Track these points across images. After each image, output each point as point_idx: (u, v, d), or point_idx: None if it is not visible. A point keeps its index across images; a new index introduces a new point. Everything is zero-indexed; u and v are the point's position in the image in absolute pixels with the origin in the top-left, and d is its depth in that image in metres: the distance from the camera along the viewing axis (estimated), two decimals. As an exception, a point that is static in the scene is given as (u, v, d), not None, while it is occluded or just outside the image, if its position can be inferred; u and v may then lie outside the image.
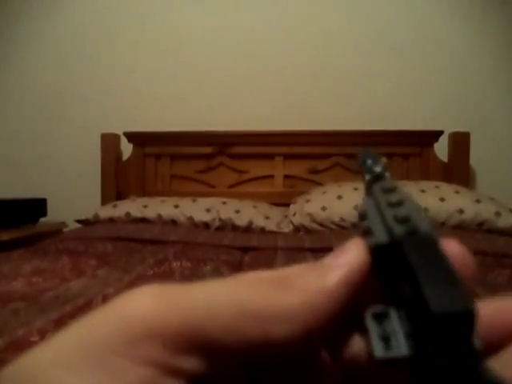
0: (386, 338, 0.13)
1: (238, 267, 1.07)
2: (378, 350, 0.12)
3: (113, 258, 1.12)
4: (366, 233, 0.16)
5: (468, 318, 0.11)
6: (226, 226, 1.66)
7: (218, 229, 1.66)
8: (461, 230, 1.50)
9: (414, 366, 0.12)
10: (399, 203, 0.16)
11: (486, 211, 1.53)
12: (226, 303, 0.13)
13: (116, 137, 2.09)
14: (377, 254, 0.15)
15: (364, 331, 0.14)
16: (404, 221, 0.15)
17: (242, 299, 0.13)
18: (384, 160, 0.20)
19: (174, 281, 0.90)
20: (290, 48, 2.10)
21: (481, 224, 1.52)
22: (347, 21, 2.08)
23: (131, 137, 2.07)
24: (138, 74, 2.17)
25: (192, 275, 0.95)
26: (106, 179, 2.06)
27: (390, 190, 0.17)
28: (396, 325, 0.13)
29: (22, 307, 0.70)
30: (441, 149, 1.94)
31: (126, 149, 2.11)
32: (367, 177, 0.19)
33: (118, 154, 2.11)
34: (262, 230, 1.62)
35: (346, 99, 2.08)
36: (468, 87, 2.04)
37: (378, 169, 0.19)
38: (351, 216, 1.58)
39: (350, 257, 0.15)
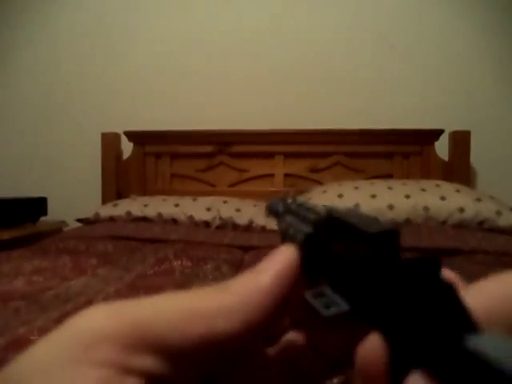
0: (327, 306, 0.14)
1: (238, 266, 1.07)
2: (324, 311, 0.14)
3: (113, 257, 1.12)
4: (294, 236, 0.18)
5: (394, 234, 0.14)
6: (227, 225, 1.66)
7: (218, 228, 1.66)
8: (461, 228, 1.50)
9: (355, 315, 0.14)
10: (314, 206, 0.19)
11: (486, 210, 1.53)
12: (173, 306, 0.15)
13: (116, 136, 2.09)
14: (306, 247, 0.17)
15: (300, 315, 0.17)
16: (322, 212, 0.18)
17: (187, 302, 0.15)
18: (291, 192, 0.25)
19: (175, 279, 0.90)
20: (290, 47, 2.10)
21: (481, 223, 1.52)
22: (348, 20, 2.08)
23: (131, 136, 2.07)
24: (138, 74, 2.17)
25: (192, 274, 0.95)
26: (106, 178, 2.06)
27: (304, 203, 0.21)
28: (332, 296, 0.15)
29: (22, 306, 0.70)
30: (441, 147, 1.94)
31: (127, 148, 2.11)
32: (280, 209, 0.23)
33: (119, 153, 2.11)
34: (263, 229, 1.62)
35: (347, 98, 2.08)
36: (469, 86, 2.03)
37: (289, 200, 0.23)
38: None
39: (279, 257, 0.17)
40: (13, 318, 0.64)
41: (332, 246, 0.16)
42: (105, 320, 0.14)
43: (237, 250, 1.28)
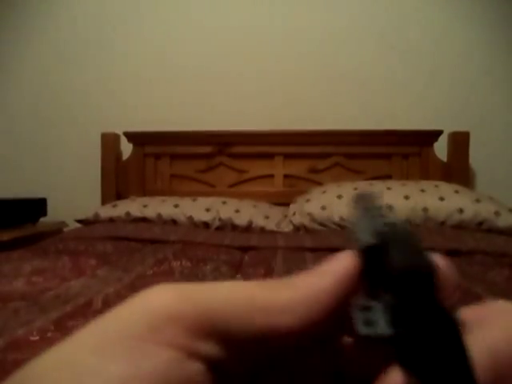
0: (368, 323, 0.14)
1: (237, 267, 1.08)
2: (361, 328, 0.14)
3: (113, 258, 1.12)
4: (357, 240, 0.18)
5: (428, 275, 0.13)
6: (226, 226, 1.66)
7: (217, 228, 1.66)
8: (460, 229, 1.50)
9: (395, 344, 0.14)
10: (383, 214, 0.19)
11: (485, 211, 1.53)
12: (239, 297, 0.15)
13: (116, 136, 2.09)
14: (367, 255, 0.17)
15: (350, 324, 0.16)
16: (391, 226, 0.17)
17: (252, 294, 0.15)
18: (379, 195, 0.23)
19: (174, 280, 0.90)
20: (290, 48, 2.10)
21: (480, 223, 1.53)
22: (348, 20, 2.08)
23: (131, 136, 2.07)
24: (138, 74, 2.17)
25: (192, 275, 0.95)
26: (105, 179, 2.07)
27: (379, 207, 0.20)
28: (378, 315, 0.14)
29: (22, 307, 0.70)
30: (440, 148, 1.95)
31: (126, 148, 2.11)
32: (362, 206, 0.22)
33: (118, 153, 2.11)
34: (262, 230, 1.63)
35: (346, 99, 2.08)
36: (468, 87, 2.04)
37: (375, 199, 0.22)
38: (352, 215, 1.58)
39: (343, 262, 0.17)
40: (12, 319, 0.64)
41: (386, 268, 0.15)
42: (173, 301, 0.15)
43: (236, 250, 1.28)
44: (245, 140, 2.01)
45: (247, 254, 1.25)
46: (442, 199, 1.57)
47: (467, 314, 0.15)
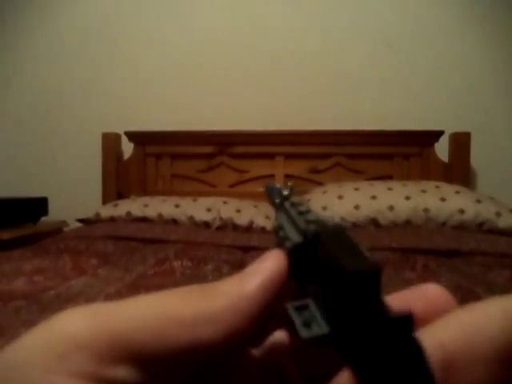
0: (308, 323, 0.14)
1: (238, 267, 1.08)
2: (303, 332, 0.14)
3: (114, 257, 1.12)
4: (284, 240, 0.18)
5: (376, 274, 0.13)
6: (227, 226, 1.66)
7: (218, 228, 1.66)
8: (461, 230, 1.50)
9: (334, 340, 0.14)
10: (308, 211, 0.19)
11: (486, 211, 1.53)
12: (153, 313, 0.14)
13: (117, 136, 2.09)
14: (295, 255, 0.16)
15: (284, 325, 0.16)
16: (314, 222, 0.17)
17: (168, 308, 0.14)
18: (290, 184, 0.24)
19: (175, 280, 0.90)
20: (290, 48, 2.10)
21: (481, 224, 1.52)
22: (347, 20, 2.08)
23: (132, 136, 2.07)
24: (139, 74, 2.17)
25: (193, 275, 0.95)
26: (106, 178, 2.07)
27: (298, 204, 0.20)
28: (315, 312, 0.14)
29: (23, 306, 0.70)
30: (441, 149, 1.95)
31: (127, 148, 2.11)
32: (277, 200, 0.22)
33: (119, 153, 2.11)
34: (263, 230, 1.63)
35: (347, 99, 2.08)
36: (469, 87, 2.04)
37: (285, 192, 0.22)
38: (352, 216, 1.59)
39: (269, 263, 0.16)
40: (13, 318, 0.64)
41: (317, 264, 0.15)
42: (81, 326, 0.14)
43: (237, 250, 1.28)
44: (246, 140, 2.01)
45: (248, 254, 1.25)
46: (442, 200, 1.57)
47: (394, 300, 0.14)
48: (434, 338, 0.13)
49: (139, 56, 2.17)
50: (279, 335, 0.18)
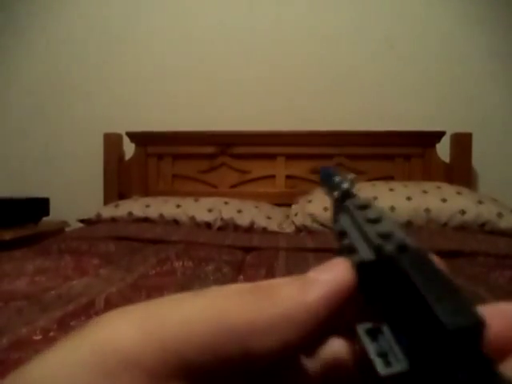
0: (384, 354, 0.13)
1: (239, 267, 1.08)
2: (381, 367, 0.12)
3: (115, 258, 1.12)
4: (348, 250, 0.16)
5: (478, 329, 0.12)
6: (228, 226, 1.66)
7: (219, 229, 1.66)
8: (463, 230, 1.50)
9: (414, 379, 0.12)
10: (378, 219, 0.16)
11: (487, 212, 1.53)
12: (202, 321, 0.13)
13: (118, 137, 2.10)
14: (361, 271, 0.15)
15: (350, 341, 0.15)
16: (388, 237, 0.15)
17: (218, 314, 0.13)
18: (351, 175, 0.20)
19: (177, 280, 0.90)
20: (291, 48, 2.10)
21: (483, 225, 1.52)
22: (349, 21, 2.08)
23: (134, 137, 2.08)
24: (140, 74, 2.18)
25: (194, 275, 0.95)
26: (108, 179, 2.07)
27: (365, 207, 0.17)
28: (390, 341, 0.13)
29: (24, 306, 0.70)
30: (443, 149, 1.94)
31: (129, 149, 2.11)
32: (335, 194, 0.19)
33: (121, 153, 2.12)
34: (264, 230, 1.63)
35: (348, 100, 2.08)
36: (470, 88, 2.03)
37: (345, 185, 0.19)
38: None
39: (335, 274, 0.15)
40: (15, 318, 0.64)
41: (394, 290, 0.13)
42: (129, 338, 0.13)
43: (238, 250, 1.28)
44: (247, 140, 2.01)
45: (249, 254, 1.25)
46: (444, 200, 1.57)
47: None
48: None
49: (141, 56, 2.18)
50: (335, 346, 0.16)
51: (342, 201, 0.19)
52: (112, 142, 2.09)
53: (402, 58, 2.07)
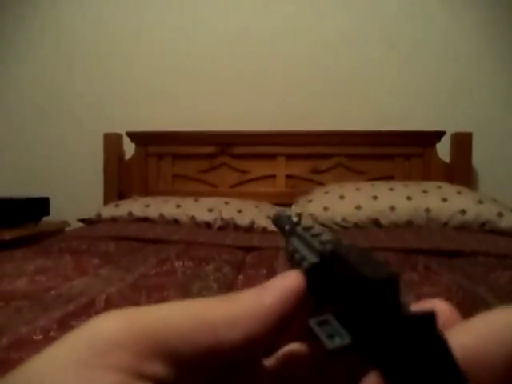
0: (331, 336, 0.15)
1: (239, 267, 1.08)
2: (328, 344, 0.15)
3: (115, 258, 1.12)
4: (300, 261, 0.19)
5: (395, 281, 0.14)
6: (228, 226, 1.66)
7: (220, 228, 1.66)
8: (463, 230, 1.50)
9: (358, 350, 0.15)
10: (320, 234, 0.20)
11: (488, 212, 1.53)
12: (183, 316, 0.16)
13: (118, 136, 2.10)
14: (311, 274, 0.18)
15: (305, 340, 0.18)
16: (328, 242, 0.19)
17: (198, 312, 0.16)
18: (298, 212, 0.26)
19: (177, 280, 0.90)
20: (292, 48, 2.10)
21: (483, 224, 1.52)
22: (349, 21, 2.08)
23: (134, 136, 2.08)
24: (140, 74, 2.18)
25: (194, 275, 0.95)
26: (108, 179, 2.07)
27: (310, 228, 0.21)
28: (336, 325, 0.16)
29: (25, 306, 0.70)
30: (443, 149, 1.94)
31: (129, 148, 2.11)
32: (287, 227, 0.24)
33: (121, 153, 2.12)
34: (264, 230, 1.63)
35: (349, 99, 2.08)
36: (470, 88, 2.03)
37: (294, 218, 0.24)
38: (353, 216, 1.59)
39: (287, 280, 0.17)
40: (15, 318, 0.64)
41: (336, 280, 0.17)
42: (118, 326, 0.15)
43: (238, 250, 1.28)
44: (247, 140, 2.01)
45: (249, 254, 1.25)
46: (444, 200, 1.57)
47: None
48: (457, 340, 0.14)
49: (140, 56, 2.18)
50: (294, 347, 0.19)
51: (292, 230, 0.23)
52: (112, 142, 2.09)
53: (402, 57, 2.07)
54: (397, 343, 0.13)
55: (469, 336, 0.14)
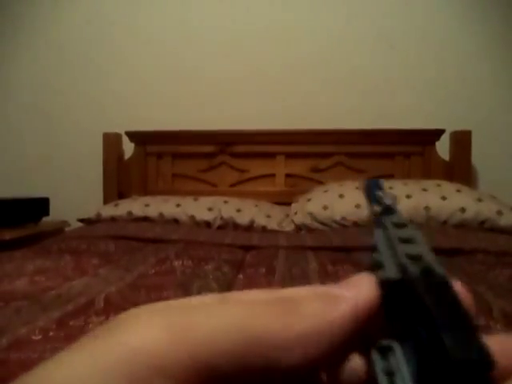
0: (391, 373, 0.13)
1: (239, 266, 1.08)
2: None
3: (115, 257, 1.12)
4: (376, 266, 0.16)
5: (485, 365, 0.11)
6: (228, 225, 1.66)
7: (219, 228, 1.66)
8: (462, 228, 1.50)
9: None
10: (411, 240, 0.16)
11: (487, 210, 1.53)
12: (229, 331, 0.13)
13: (118, 136, 2.10)
14: (385, 288, 0.15)
15: (366, 356, 0.15)
16: (416, 259, 0.15)
17: (244, 325, 0.13)
18: (394, 194, 0.20)
19: (176, 279, 0.90)
20: (291, 47, 2.10)
21: (482, 223, 1.52)
22: (349, 21, 2.08)
23: (133, 136, 2.07)
24: (139, 74, 2.18)
25: (194, 274, 0.95)
26: (107, 178, 2.07)
27: (402, 226, 0.17)
28: (400, 360, 0.13)
29: (24, 306, 0.70)
30: (442, 147, 1.94)
31: (128, 148, 2.11)
32: (376, 208, 0.20)
33: (120, 153, 2.12)
34: (264, 229, 1.63)
35: (349, 98, 2.08)
36: (469, 86, 2.03)
37: (388, 201, 0.19)
38: (353, 215, 1.58)
39: (360, 290, 0.15)
40: (15, 318, 0.64)
41: (413, 306, 0.14)
42: (160, 344, 0.13)
43: (238, 249, 1.28)
44: (246, 139, 2.01)
45: (249, 253, 1.25)
46: (443, 198, 1.57)
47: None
48: None
49: (140, 56, 2.17)
50: (355, 363, 0.16)
51: (382, 215, 0.19)
52: (111, 142, 2.09)
53: (402, 57, 2.06)
54: None
55: None
